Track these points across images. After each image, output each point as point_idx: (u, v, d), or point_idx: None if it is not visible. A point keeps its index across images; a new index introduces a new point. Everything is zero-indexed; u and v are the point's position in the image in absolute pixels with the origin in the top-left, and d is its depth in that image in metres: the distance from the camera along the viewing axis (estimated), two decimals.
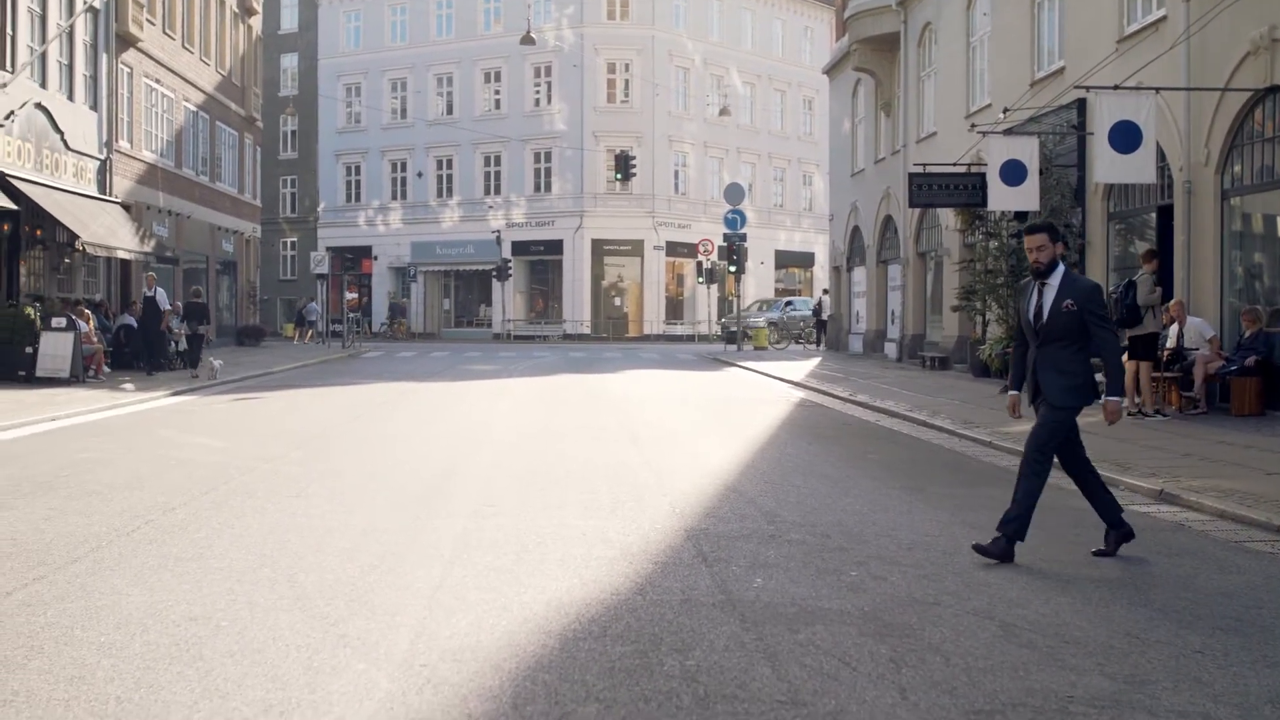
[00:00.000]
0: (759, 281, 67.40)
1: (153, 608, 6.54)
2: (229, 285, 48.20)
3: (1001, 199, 22.95)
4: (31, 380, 24.88)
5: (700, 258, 55.27)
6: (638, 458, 13.93)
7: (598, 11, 64.42)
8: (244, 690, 5.08)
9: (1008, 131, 24.60)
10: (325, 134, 71.43)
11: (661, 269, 65.42)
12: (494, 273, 62.58)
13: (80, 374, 25.61)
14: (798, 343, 53.15)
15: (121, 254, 31.69)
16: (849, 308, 45.09)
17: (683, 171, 66.74)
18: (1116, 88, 19.38)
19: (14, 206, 27.02)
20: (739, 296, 48.12)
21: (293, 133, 72.93)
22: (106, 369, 27.79)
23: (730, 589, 7.13)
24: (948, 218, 31.63)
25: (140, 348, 30.68)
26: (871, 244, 40.60)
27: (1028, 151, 22.69)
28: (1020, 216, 25.77)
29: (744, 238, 46.04)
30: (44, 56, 29.89)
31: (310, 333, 56.55)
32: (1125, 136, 18.46)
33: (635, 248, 64.53)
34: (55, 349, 25.36)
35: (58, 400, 21.05)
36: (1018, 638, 6.09)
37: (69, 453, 14.38)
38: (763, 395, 25.00)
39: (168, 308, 28.05)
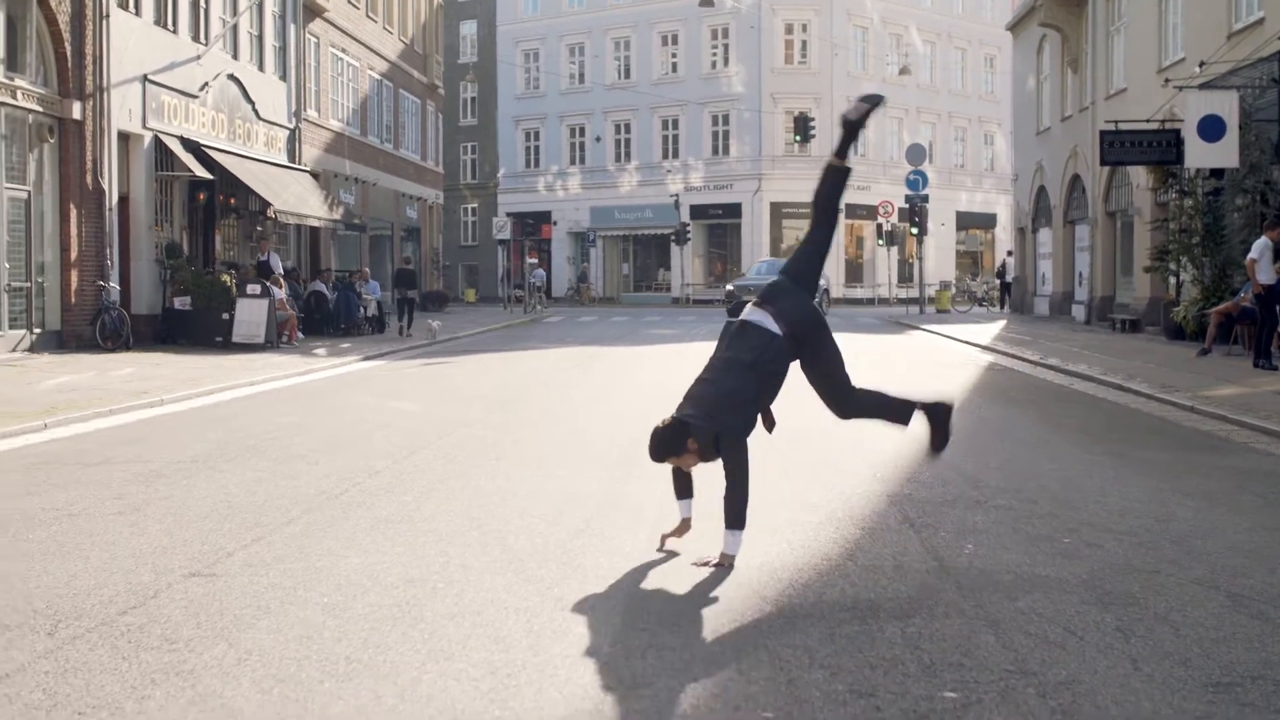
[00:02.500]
0: (939, 243, 66.49)
1: (369, 570, 6.63)
2: (413, 251, 48.91)
3: (1199, 156, 22.31)
4: (228, 346, 25.54)
5: (880, 220, 54.65)
6: (830, 422, 13.79)
7: None
8: (468, 652, 5.12)
9: (1204, 86, 23.89)
10: (504, 100, 72.07)
11: (841, 231, 64.82)
12: (672, 237, 62.60)
13: (274, 340, 26.22)
14: (980, 305, 52.41)
15: (312, 221, 32.37)
16: (1034, 269, 44.27)
17: (862, 132, 65.88)
18: (1202, 87, 18.67)
19: (210, 176, 27.69)
20: (920, 259, 47.48)
21: (472, 99, 73.71)
22: (300, 335, 28.38)
23: (941, 555, 7.02)
24: (1139, 176, 30.85)
25: (330, 314, 31.40)
26: (1058, 204, 39.77)
27: (1226, 106, 22.01)
28: (1217, 173, 25.09)
29: (926, 199, 45.36)
30: (235, 28, 30.56)
31: (539, 296, 56.04)
32: (1214, 126, 17.81)
33: None
34: (250, 315, 26.00)
35: (254, 365, 21.54)
36: (1247, 608, 5.88)
37: (270, 416, 14.72)
38: (950, 359, 24.66)
39: (279, 272, 28.51)
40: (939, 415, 7.86)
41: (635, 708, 4.46)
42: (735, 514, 6.59)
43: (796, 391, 7.39)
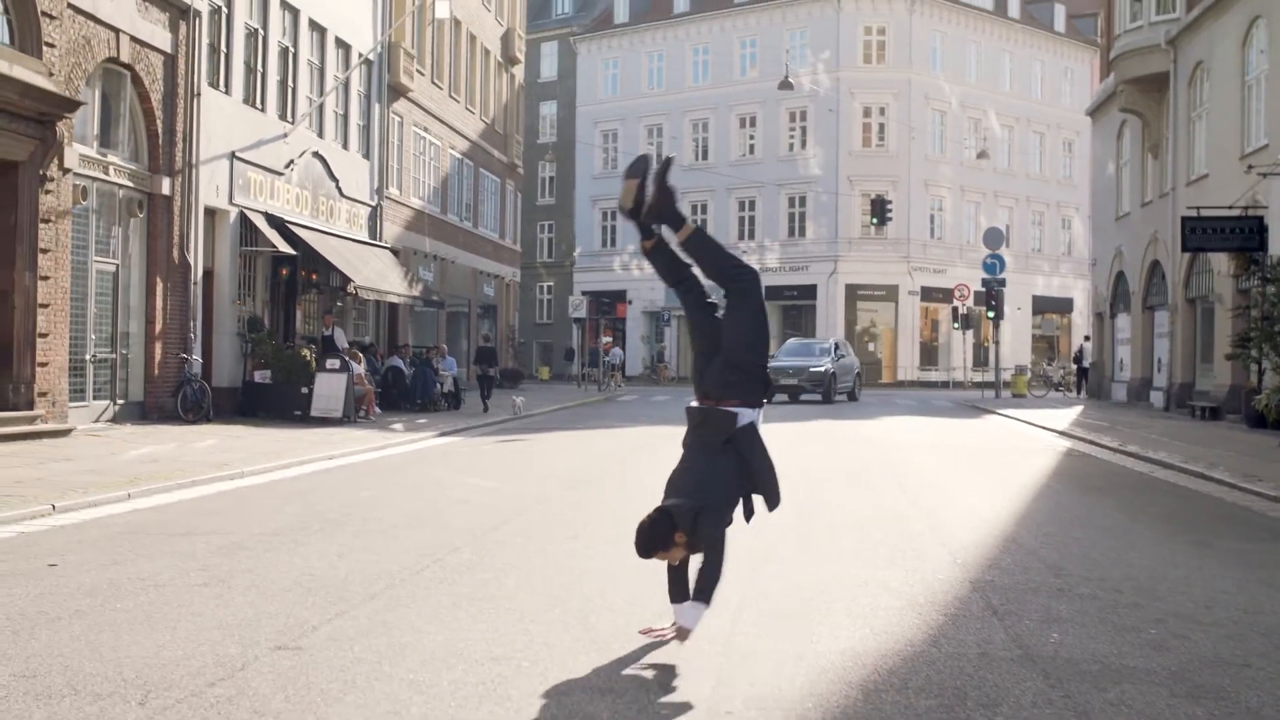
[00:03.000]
0: (1015, 327, 66.20)
1: (453, 646, 6.66)
2: (489, 328, 49.26)
3: None
4: (306, 419, 25.79)
5: (956, 303, 54.44)
6: (908, 505, 13.75)
7: (854, 55, 64.37)
8: None
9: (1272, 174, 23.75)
10: (582, 180, 72.70)
11: (916, 314, 64.78)
12: None
13: (352, 414, 26.44)
14: (1057, 390, 52.01)
15: (391, 298, 32.73)
16: (1112, 354, 43.91)
17: (938, 215, 66.13)
18: None
19: (292, 252, 28.09)
20: (997, 343, 47.23)
21: (550, 179, 74.43)
22: (377, 410, 28.61)
23: (1026, 643, 6.95)
24: (1220, 262, 30.61)
25: (406, 389, 31.66)
26: (1137, 289, 39.49)
27: None
28: None
29: (1003, 283, 45.23)
30: (321, 107, 31.08)
31: (617, 376, 56.21)
32: None
33: (889, 292, 64.08)
34: (329, 389, 26.27)
35: (333, 439, 21.70)
36: None
37: (350, 491, 14.84)
38: (1027, 444, 24.46)
39: (344, 346, 28.70)
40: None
41: None
42: (706, 589, 6.51)
43: (865, 476, 7.31)
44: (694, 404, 6.90)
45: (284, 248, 27.72)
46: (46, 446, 18.59)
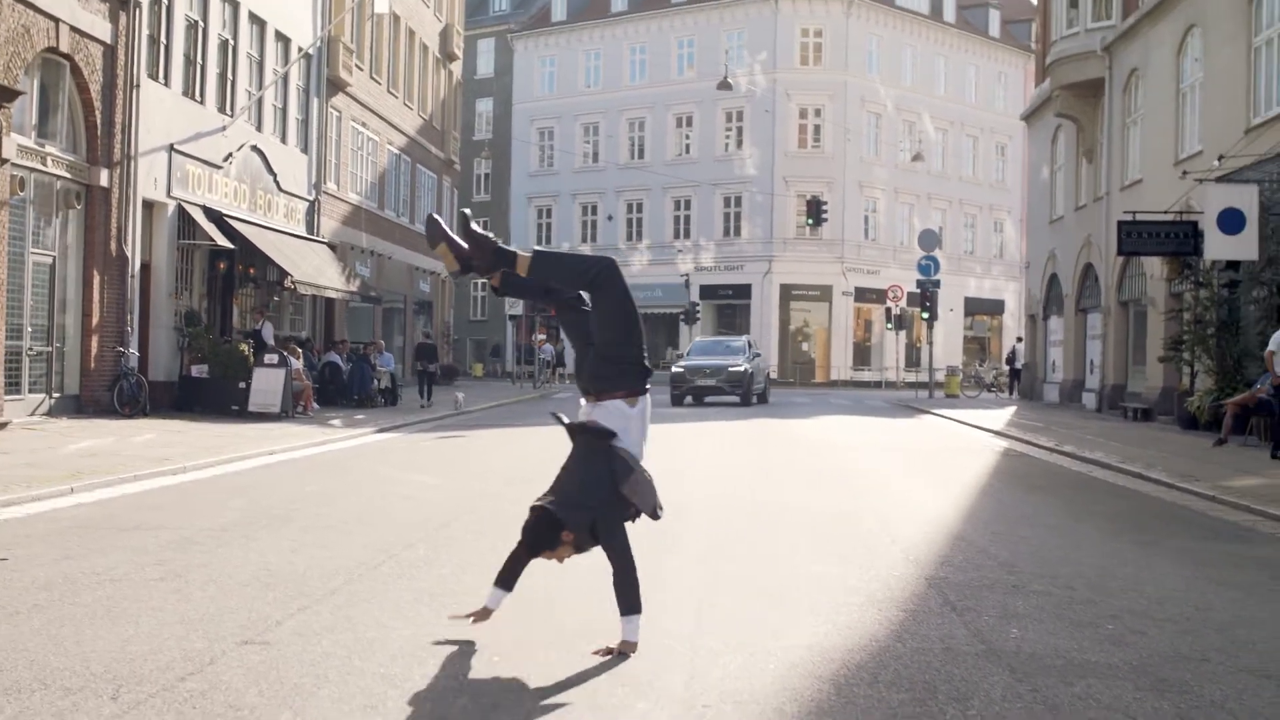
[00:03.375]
0: (947, 329, 66.67)
1: (420, 640, 6.67)
2: (425, 324, 49.08)
3: (1219, 248, 22.46)
4: (244, 414, 25.60)
5: (889, 303, 54.83)
6: (856, 504, 13.84)
7: (790, 57, 64.70)
8: None
9: (1222, 179, 24.06)
10: (518, 177, 72.61)
11: (850, 314, 65.17)
12: (682, 316, 62.71)
13: (290, 409, 26.28)
14: (989, 391, 52.44)
15: (329, 293, 32.54)
16: (1045, 356, 44.33)
17: (872, 217, 66.54)
18: (1220, 179, 18.87)
19: (231, 245, 27.88)
20: (931, 344, 47.58)
21: (486, 175, 74.26)
22: (315, 405, 28.44)
23: (988, 639, 7.03)
24: (1154, 266, 30.99)
25: (344, 385, 31.50)
26: (1070, 292, 39.89)
27: (1247, 199, 22.17)
28: (1233, 265, 25.23)
29: (937, 284, 45.55)
30: (260, 100, 30.86)
31: (551, 373, 56.61)
32: (1233, 220, 18.01)
33: (824, 293, 64.42)
34: (267, 384, 26.10)
35: (272, 435, 21.58)
36: None
37: (294, 486, 14.79)
38: (964, 444, 24.65)
39: (271, 342, 28.42)
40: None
41: None
42: (630, 600, 6.42)
43: (810, 475, 7.36)
44: (582, 403, 6.92)
45: (222, 241, 27.50)
46: None
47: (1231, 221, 22.00)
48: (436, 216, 7.13)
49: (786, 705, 5.53)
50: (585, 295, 6.86)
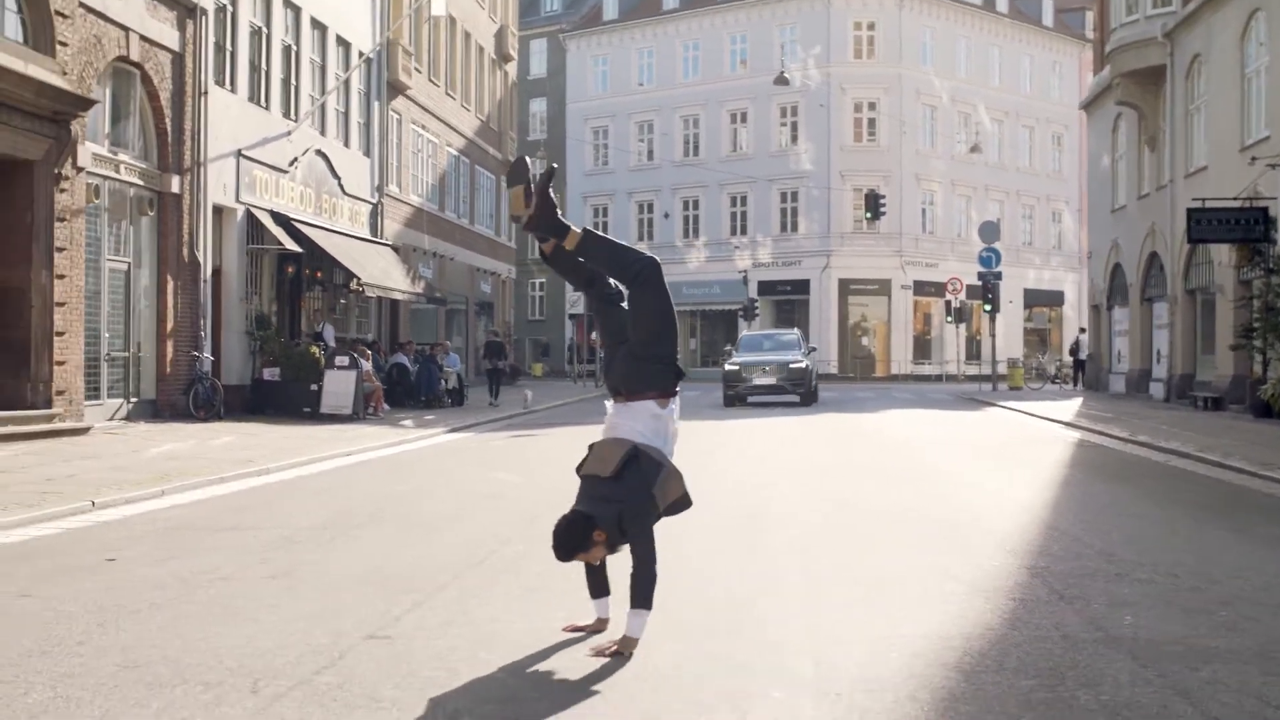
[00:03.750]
0: (1007, 320, 66.26)
1: (540, 633, 6.73)
2: (485, 325, 49.27)
3: None
4: (316, 417, 25.83)
5: (948, 296, 54.60)
6: (940, 496, 13.84)
7: (844, 51, 64.50)
8: (673, 715, 5.21)
9: None
10: (573, 177, 72.73)
11: (909, 308, 64.97)
12: (740, 312, 62.69)
13: (361, 411, 26.48)
14: (1053, 382, 52.18)
15: (395, 295, 32.79)
16: (1109, 347, 44.05)
17: (929, 209, 66.26)
18: None
19: (299, 249, 28.10)
20: (993, 336, 47.40)
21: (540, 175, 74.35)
22: (385, 406, 28.63)
23: (1103, 626, 7.02)
24: (1222, 253, 30.77)
25: (411, 386, 31.71)
26: (1134, 281, 39.62)
27: None
28: None
29: (999, 276, 45.42)
30: (323, 105, 31.09)
31: None
32: None
33: (882, 287, 64.24)
34: (338, 386, 26.32)
35: (346, 436, 21.76)
36: None
37: (378, 485, 14.97)
38: (1035, 435, 24.53)
39: (332, 344, 28.59)
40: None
41: None
42: (644, 594, 6.24)
43: (886, 469, 7.35)
44: (609, 404, 6.81)
45: (290, 245, 27.73)
46: (67, 444, 18.61)
47: None
48: (527, 159, 7.24)
49: (918, 692, 5.55)
50: (624, 290, 6.80)
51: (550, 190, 6.79)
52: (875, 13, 64.61)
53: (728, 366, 35.71)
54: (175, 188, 24.04)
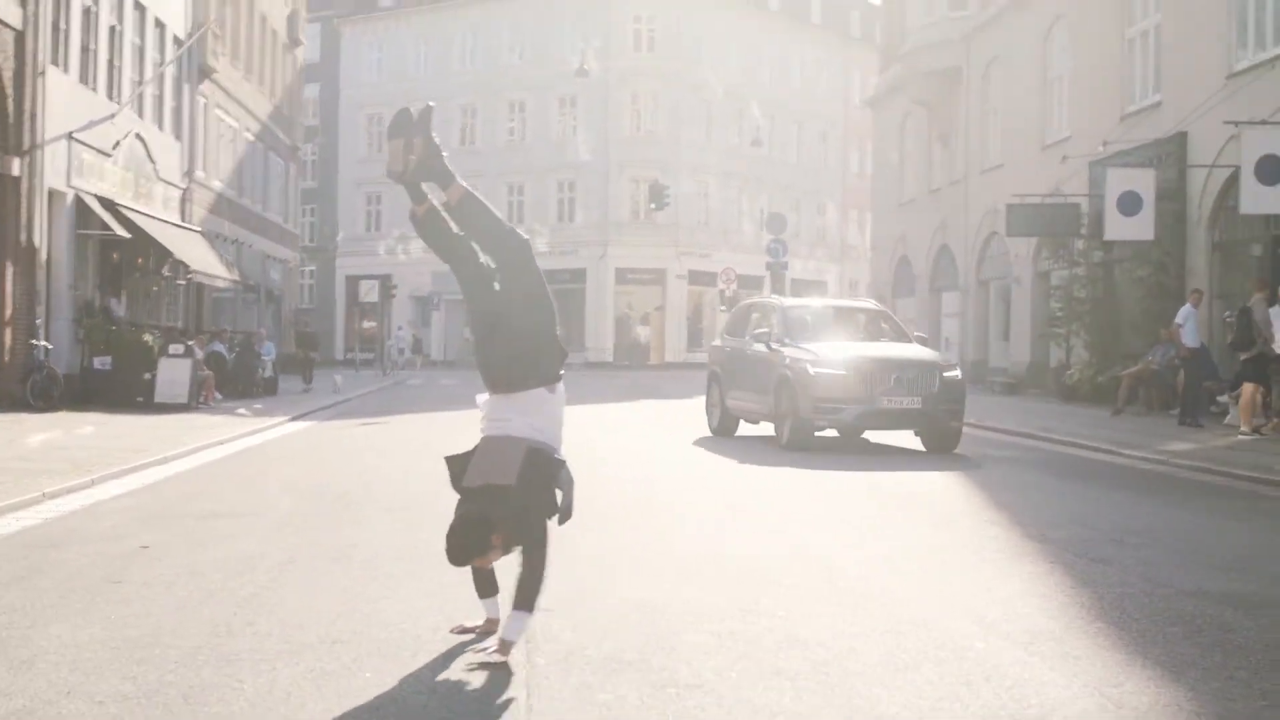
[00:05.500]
0: None
1: (699, 607, 7.13)
2: (273, 313, 48.54)
3: (1118, 229, 23.72)
4: (150, 406, 25.23)
5: (721, 286, 55.77)
6: (864, 490, 14.53)
7: (624, 42, 65.22)
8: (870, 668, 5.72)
9: (1122, 164, 25.40)
10: (345, 163, 72.02)
11: (684, 297, 66.14)
12: None
13: (195, 400, 26.06)
14: None
15: (219, 282, 32.30)
16: None
17: (704, 201, 67.45)
18: (1264, 122, 20.19)
19: (127, 235, 27.48)
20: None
21: (312, 162, 73.37)
22: (217, 395, 28.18)
23: (1166, 581, 7.76)
24: (1018, 246, 32.41)
25: (229, 374, 31.27)
26: (922, 273, 41.32)
27: (1144, 183, 23.46)
28: (1104, 246, 26.71)
29: (785, 266, 46.66)
30: (138, 84, 30.38)
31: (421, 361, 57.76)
32: (1273, 169, 19.25)
33: (658, 276, 65.22)
34: (173, 375, 25.81)
35: (199, 425, 21.26)
36: None
37: (304, 469, 14.99)
38: None
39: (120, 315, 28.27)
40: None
41: None
42: (529, 597, 5.93)
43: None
44: (481, 396, 6.41)
45: (121, 231, 27.10)
46: None
47: (1129, 203, 23.27)
48: (411, 110, 6.63)
49: (1114, 632, 6.14)
50: (494, 268, 6.37)
51: (432, 134, 6.49)
52: (654, 5, 65.51)
53: (795, 368, 17.69)
54: (15, 170, 23.34)
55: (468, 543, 5.91)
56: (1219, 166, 23.65)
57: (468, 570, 6.22)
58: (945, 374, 17.73)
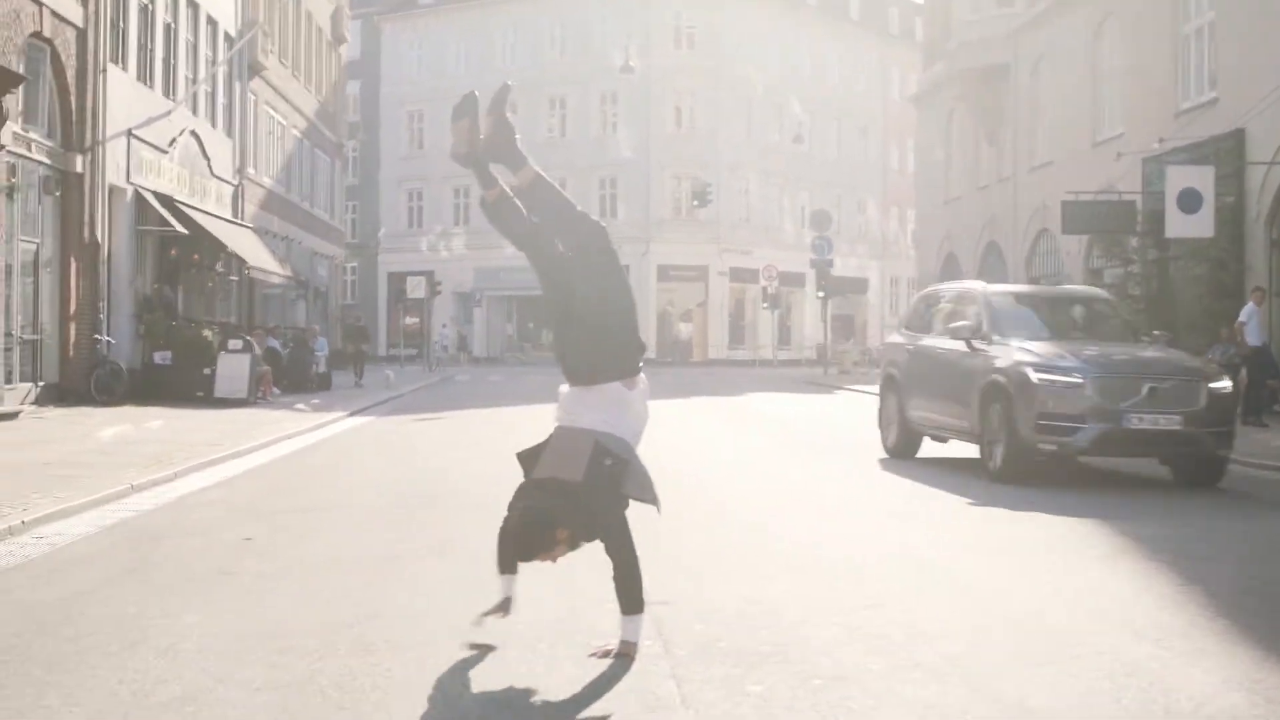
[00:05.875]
0: (814, 307, 67.90)
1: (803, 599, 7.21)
2: (319, 309, 48.78)
3: (1179, 226, 23.59)
4: (210, 401, 25.45)
5: (764, 283, 55.80)
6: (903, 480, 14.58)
7: (664, 40, 65.22)
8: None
9: (1181, 161, 25.36)
10: (387, 160, 72.17)
11: (726, 294, 66.17)
12: None
13: (254, 395, 26.26)
14: (877, 367, 53.63)
15: (274, 278, 32.52)
16: None
17: (745, 198, 67.43)
18: None
19: (185, 231, 27.68)
20: (825, 322, 48.80)
21: (354, 159, 73.60)
22: (275, 390, 28.38)
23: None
24: (1069, 244, 32.36)
25: (283, 370, 31.48)
26: (970, 269, 41.22)
27: (1204, 180, 23.37)
28: (1160, 244, 26.67)
29: (830, 263, 46.73)
30: (192, 82, 30.61)
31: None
32: None
33: (700, 273, 65.25)
34: (232, 370, 26.04)
35: (264, 420, 21.56)
36: None
37: (378, 466, 15.12)
38: None
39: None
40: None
41: None
42: (633, 598, 5.79)
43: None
44: (564, 388, 6.15)
45: (179, 227, 27.31)
46: (5, 430, 18.21)
47: (1190, 201, 23.17)
48: (475, 93, 6.55)
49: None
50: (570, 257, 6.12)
51: (508, 112, 6.30)
52: (694, 4, 65.53)
53: (1011, 374, 14.00)
54: (79, 167, 23.56)
55: (532, 539, 5.75)
56: (1278, 163, 23.59)
57: (583, 562, 6.14)
58: (1212, 386, 13.38)
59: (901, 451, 16.47)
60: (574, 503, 5.67)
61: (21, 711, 5.07)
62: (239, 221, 34.00)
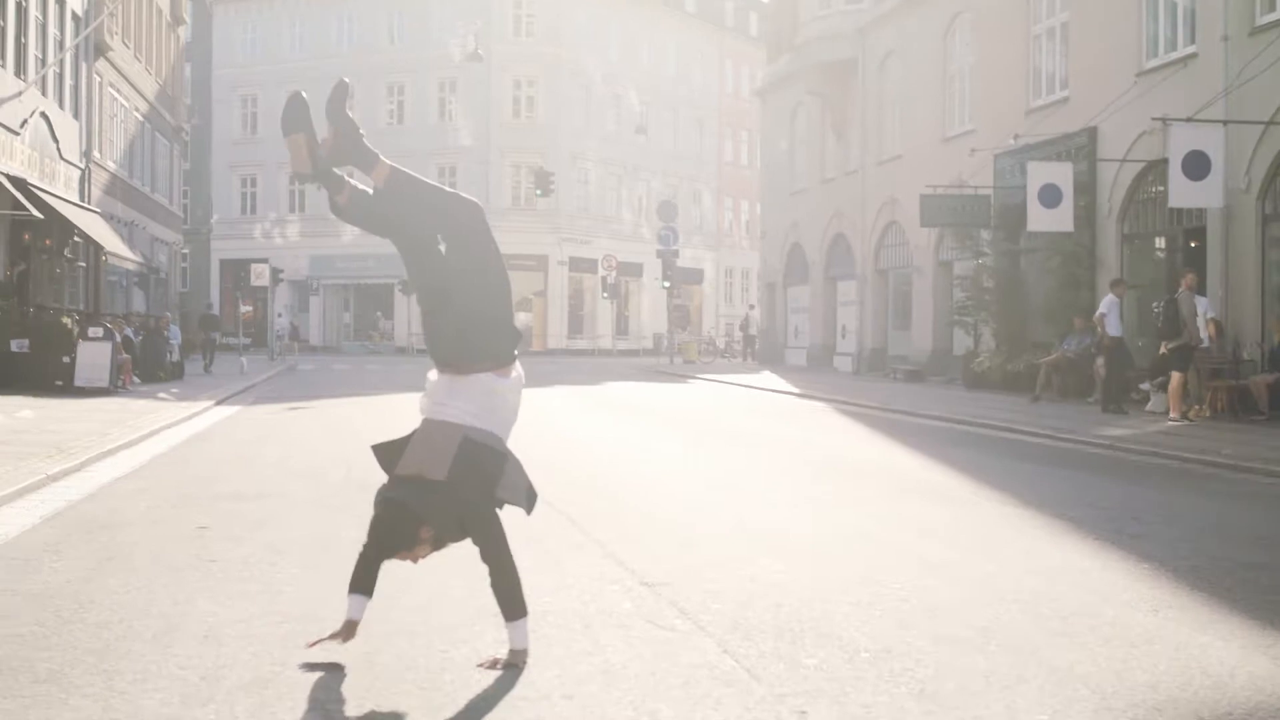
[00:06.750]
0: (653, 297, 68.43)
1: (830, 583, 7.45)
2: (161, 297, 47.86)
3: (1040, 220, 24.40)
4: (70, 390, 24.83)
5: (602, 273, 56.20)
6: (832, 463, 14.91)
7: (504, 28, 65.11)
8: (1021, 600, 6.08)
9: (1004, 156, 26.21)
10: (219, 145, 70.83)
11: (565, 284, 66.30)
12: (398, 286, 62.57)
13: (115, 384, 25.73)
14: (722, 356, 54.37)
15: (128, 264, 31.87)
16: (784, 323, 46.31)
17: (584, 188, 67.64)
18: (1189, 120, 20.96)
19: (40, 216, 26.99)
20: (685, 309, 49.18)
21: (186, 143, 72.17)
22: (135, 379, 27.83)
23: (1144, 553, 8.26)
24: (920, 236, 33.15)
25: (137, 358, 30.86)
26: (816, 261, 41.93)
27: (1063, 176, 24.20)
28: (1012, 237, 27.57)
29: (676, 254, 47.16)
30: (42, 62, 29.83)
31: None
32: (1196, 164, 20.01)
33: (539, 263, 65.24)
34: (93, 358, 25.44)
35: (133, 409, 21.11)
36: None
37: (283, 453, 15.01)
38: (787, 408, 25.50)
39: None
40: None
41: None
42: (513, 602, 5.52)
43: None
44: (433, 375, 5.79)
45: (35, 212, 26.60)
46: None
47: (1050, 196, 23.97)
48: (304, 95, 5.92)
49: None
50: (440, 240, 5.72)
51: (348, 110, 5.76)
52: None
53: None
54: None
55: (394, 534, 5.47)
56: (1130, 161, 24.49)
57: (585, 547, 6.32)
58: None
59: None
60: (440, 500, 5.38)
61: (101, 697, 5.06)
62: (88, 206, 33.24)
